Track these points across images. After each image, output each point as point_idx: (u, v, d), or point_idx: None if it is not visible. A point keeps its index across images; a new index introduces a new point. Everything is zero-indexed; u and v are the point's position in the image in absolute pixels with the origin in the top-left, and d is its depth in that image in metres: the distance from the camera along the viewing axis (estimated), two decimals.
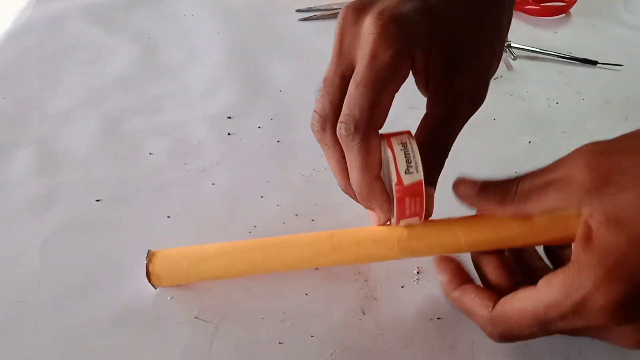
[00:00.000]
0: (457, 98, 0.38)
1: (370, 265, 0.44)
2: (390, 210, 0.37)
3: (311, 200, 0.49)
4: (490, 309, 0.35)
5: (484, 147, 0.55)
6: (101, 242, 0.46)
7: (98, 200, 0.50)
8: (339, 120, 0.36)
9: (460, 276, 0.38)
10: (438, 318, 0.41)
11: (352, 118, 0.35)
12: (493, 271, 0.37)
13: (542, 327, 0.33)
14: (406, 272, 0.44)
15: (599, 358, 0.38)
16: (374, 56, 0.35)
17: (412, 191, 0.35)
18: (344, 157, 0.37)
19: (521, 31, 0.71)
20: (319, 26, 0.74)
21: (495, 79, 0.64)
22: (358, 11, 0.37)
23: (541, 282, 0.33)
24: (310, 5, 0.77)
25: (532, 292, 0.33)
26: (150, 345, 0.39)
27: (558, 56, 0.66)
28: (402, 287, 0.43)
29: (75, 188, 0.51)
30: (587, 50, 0.67)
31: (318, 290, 0.43)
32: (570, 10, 0.75)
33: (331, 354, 0.39)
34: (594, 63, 0.65)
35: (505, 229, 0.37)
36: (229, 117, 0.59)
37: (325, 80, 0.38)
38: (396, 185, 0.35)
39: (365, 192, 0.37)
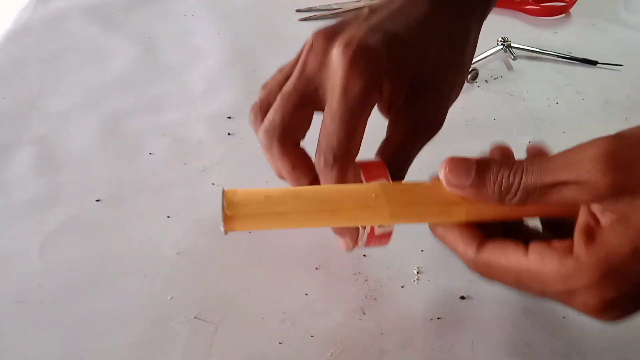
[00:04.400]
0: (416, 124, 0.40)
1: (370, 265, 0.44)
2: (358, 238, 0.38)
3: None
4: (474, 249, 0.34)
5: (484, 147, 0.55)
6: (101, 242, 0.46)
7: (98, 200, 0.50)
8: (317, 151, 0.37)
9: None
10: (438, 318, 0.41)
11: (330, 149, 0.36)
12: None
13: (520, 286, 0.33)
14: (406, 272, 0.44)
15: (599, 358, 0.38)
16: (345, 90, 0.36)
17: (379, 239, 0.37)
18: (293, 168, 0.39)
19: (521, 31, 0.71)
20: (319, 26, 0.74)
21: (495, 79, 0.64)
22: (327, 38, 0.38)
23: (533, 253, 0.32)
24: (310, 5, 0.77)
25: (520, 258, 0.32)
26: (150, 345, 0.39)
27: (558, 56, 0.66)
28: (402, 287, 0.43)
29: (75, 188, 0.51)
30: (587, 50, 0.67)
31: (318, 290, 0.43)
32: (570, 10, 0.75)
33: (331, 354, 0.39)
34: (594, 63, 0.65)
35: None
36: (229, 117, 0.59)
37: (282, 94, 0.39)
38: (368, 235, 0.36)
39: None
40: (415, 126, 0.40)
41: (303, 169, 0.40)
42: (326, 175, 0.37)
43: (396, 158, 0.39)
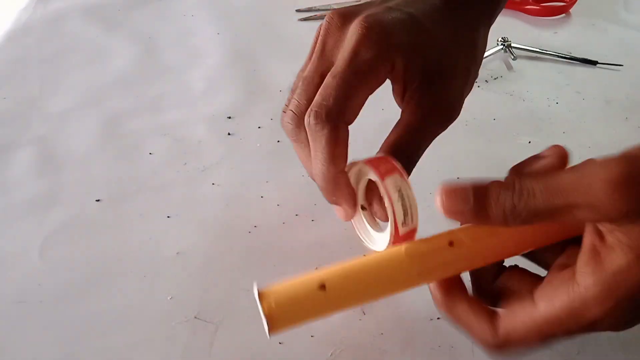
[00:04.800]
0: (431, 110, 0.39)
1: None
2: (356, 204, 0.38)
3: (311, 200, 0.49)
4: (491, 336, 0.32)
5: (484, 147, 0.55)
6: (101, 242, 0.46)
7: (98, 200, 0.50)
8: (310, 107, 0.36)
9: (454, 291, 0.34)
10: (438, 318, 0.41)
11: (324, 106, 0.35)
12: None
13: (547, 341, 0.32)
14: None
15: (599, 358, 0.38)
16: (355, 53, 0.36)
17: (404, 238, 0.35)
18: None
19: (521, 31, 0.71)
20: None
21: (495, 79, 0.64)
22: (344, 17, 0.38)
23: (540, 300, 0.31)
24: (310, 5, 0.77)
25: (533, 312, 0.31)
26: (150, 345, 0.39)
27: (558, 56, 0.66)
28: None
29: (75, 188, 0.51)
30: (587, 50, 0.67)
31: None
32: (570, 10, 0.75)
33: (331, 354, 0.39)
34: (594, 63, 0.65)
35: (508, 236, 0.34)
36: (229, 117, 0.59)
37: (304, 79, 0.38)
38: (393, 235, 0.35)
39: (331, 186, 0.37)
40: (429, 113, 0.39)
41: None
42: (316, 134, 0.36)
43: (408, 144, 0.38)
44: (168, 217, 0.48)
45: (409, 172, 0.38)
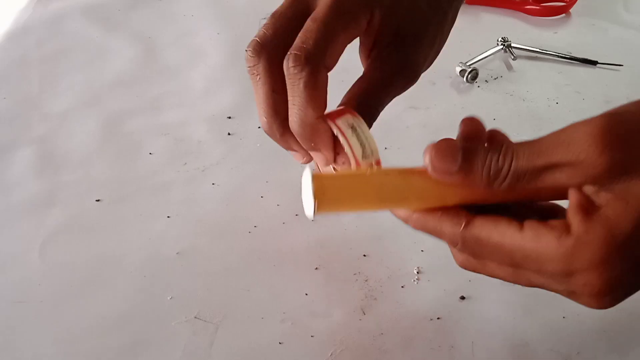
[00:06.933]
0: (397, 69, 0.39)
1: (370, 265, 0.44)
2: (335, 150, 0.37)
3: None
4: (462, 227, 0.31)
5: None
6: (101, 242, 0.46)
7: (98, 200, 0.50)
8: (289, 51, 0.35)
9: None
10: (438, 318, 0.41)
11: (303, 49, 0.34)
12: None
13: (513, 266, 0.31)
14: (406, 272, 0.44)
15: (599, 358, 0.38)
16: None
17: None
18: (273, 91, 0.37)
19: (521, 31, 0.71)
20: None
21: (495, 79, 0.64)
22: None
23: (528, 230, 0.30)
24: None
25: (514, 234, 0.30)
26: (150, 345, 0.39)
27: (558, 56, 0.66)
28: (402, 287, 0.43)
29: (75, 188, 0.51)
30: (587, 50, 0.67)
31: (318, 290, 0.43)
32: (570, 10, 0.75)
33: (331, 354, 0.39)
34: (594, 63, 0.65)
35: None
36: (229, 117, 0.59)
37: (275, 12, 0.38)
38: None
39: (309, 132, 0.36)
40: (394, 71, 0.39)
41: (282, 95, 0.37)
42: (294, 77, 0.35)
43: (370, 96, 0.38)
44: (168, 217, 0.48)
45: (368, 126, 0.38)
